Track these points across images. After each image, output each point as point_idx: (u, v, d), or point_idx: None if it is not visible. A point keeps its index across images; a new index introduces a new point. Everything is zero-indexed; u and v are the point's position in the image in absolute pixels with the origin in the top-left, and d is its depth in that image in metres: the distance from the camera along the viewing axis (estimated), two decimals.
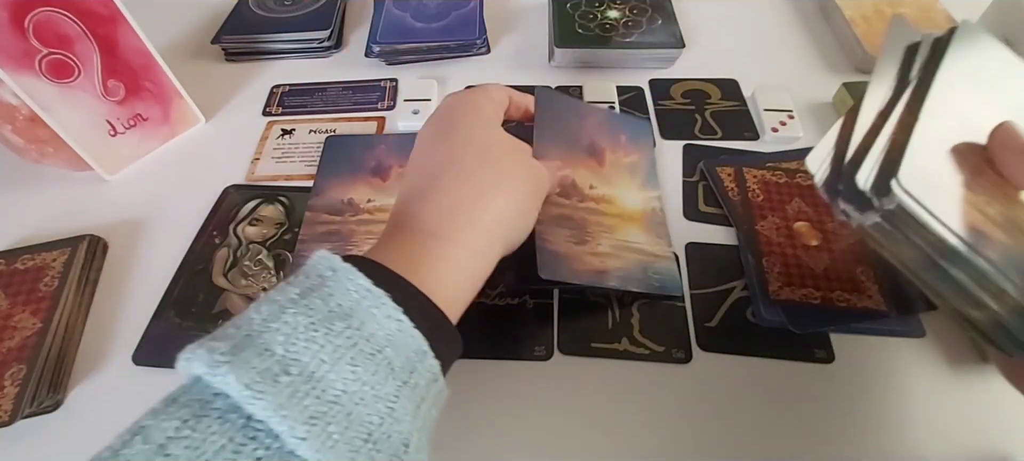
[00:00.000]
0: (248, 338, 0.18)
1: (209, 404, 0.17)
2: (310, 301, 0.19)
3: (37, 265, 0.36)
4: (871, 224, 0.22)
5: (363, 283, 0.20)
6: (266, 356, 0.17)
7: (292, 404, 0.16)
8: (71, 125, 0.39)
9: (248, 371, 0.16)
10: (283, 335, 0.18)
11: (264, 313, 0.19)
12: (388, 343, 0.19)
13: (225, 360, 0.17)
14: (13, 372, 0.31)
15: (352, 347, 0.18)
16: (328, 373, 0.17)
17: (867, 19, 0.51)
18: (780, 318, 0.33)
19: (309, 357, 0.18)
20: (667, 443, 0.30)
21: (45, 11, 0.37)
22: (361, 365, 0.18)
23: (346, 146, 0.45)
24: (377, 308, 0.20)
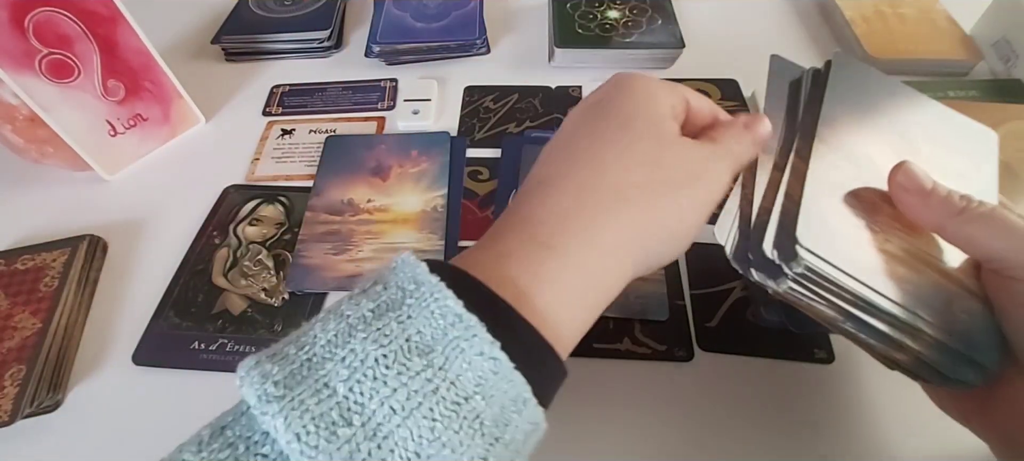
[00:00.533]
0: (308, 366, 0.15)
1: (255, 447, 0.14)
2: (384, 323, 0.15)
3: (37, 265, 0.36)
4: (784, 289, 0.22)
5: (452, 307, 0.16)
6: (324, 395, 0.14)
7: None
8: (71, 125, 0.39)
9: (300, 415, 0.13)
10: (347, 368, 0.14)
11: (330, 332, 0.15)
12: (478, 390, 0.15)
13: (277, 395, 0.14)
14: (13, 372, 0.31)
15: (432, 394, 0.15)
16: (398, 428, 0.14)
17: (867, 19, 0.51)
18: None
19: (376, 404, 0.14)
20: (668, 442, 0.30)
21: (45, 11, 0.37)
22: (441, 420, 0.14)
23: (346, 146, 0.45)
24: (467, 341, 0.15)
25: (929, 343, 0.22)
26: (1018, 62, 0.46)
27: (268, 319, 0.35)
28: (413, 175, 0.42)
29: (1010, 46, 0.46)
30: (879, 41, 0.49)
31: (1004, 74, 0.47)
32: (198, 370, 0.33)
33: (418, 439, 0.14)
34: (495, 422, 0.15)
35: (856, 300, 0.22)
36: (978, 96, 0.44)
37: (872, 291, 0.21)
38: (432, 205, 0.40)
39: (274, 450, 0.14)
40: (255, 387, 0.14)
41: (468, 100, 0.49)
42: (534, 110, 0.47)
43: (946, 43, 0.49)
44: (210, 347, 0.34)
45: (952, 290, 0.23)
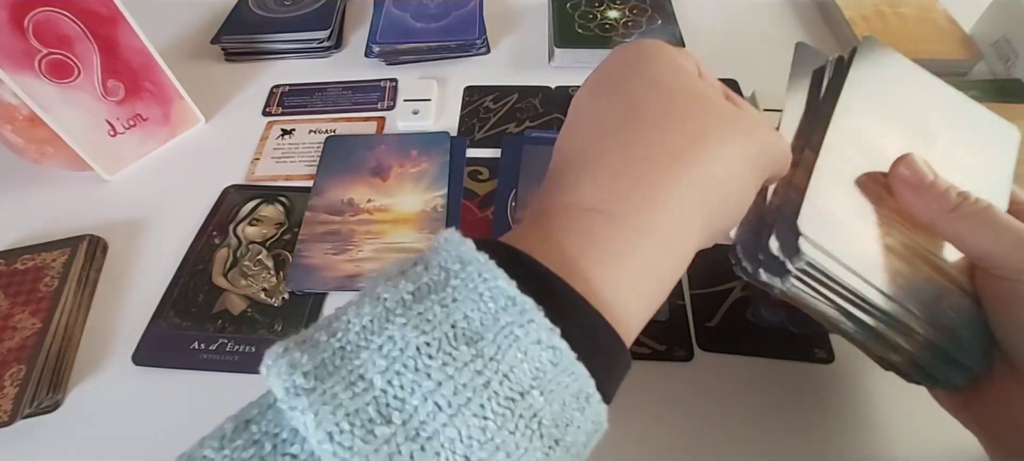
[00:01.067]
0: (340, 355, 0.13)
1: (284, 446, 0.12)
2: (426, 307, 0.14)
3: (37, 265, 0.36)
4: (788, 288, 0.22)
5: (504, 288, 0.14)
6: (359, 389, 0.12)
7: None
8: (71, 125, 0.39)
9: (333, 411, 0.12)
10: (385, 358, 0.13)
11: (365, 317, 0.14)
12: (536, 384, 0.13)
13: (306, 388, 0.12)
14: (13, 372, 0.31)
15: (483, 389, 0.13)
16: (444, 427, 0.12)
17: (867, 19, 0.51)
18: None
19: (419, 399, 0.12)
20: (668, 442, 0.30)
21: (45, 11, 0.37)
22: (494, 419, 0.12)
23: (346, 146, 0.45)
24: (521, 328, 0.13)
25: (920, 343, 0.22)
26: (1018, 62, 0.46)
27: (268, 319, 0.35)
28: (413, 175, 0.42)
29: (1010, 46, 0.46)
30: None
31: (1004, 74, 0.47)
32: (198, 370, 0.33)
33: (468, 440, 0.12)
34: (555, 422, 0.13)
35: (855, 297, 0.22)
36: (978, 96, 0.44)
37: (869, 286, 0.21)
38: (432, 205, 0.40)
39: (304, 450, 0.12)
40: (282, 378, 0.12)
41: (468, 100, 0.49)
42: (534, 110, 0.47)
43: (946, 43, 0.49)
44: (210, 347, 0.34)
45: (943, 285, 0.23)
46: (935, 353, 0.22)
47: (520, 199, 0.40)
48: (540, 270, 0.15)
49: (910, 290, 0.22)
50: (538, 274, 0.15)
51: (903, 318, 0.22)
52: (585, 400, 0.14)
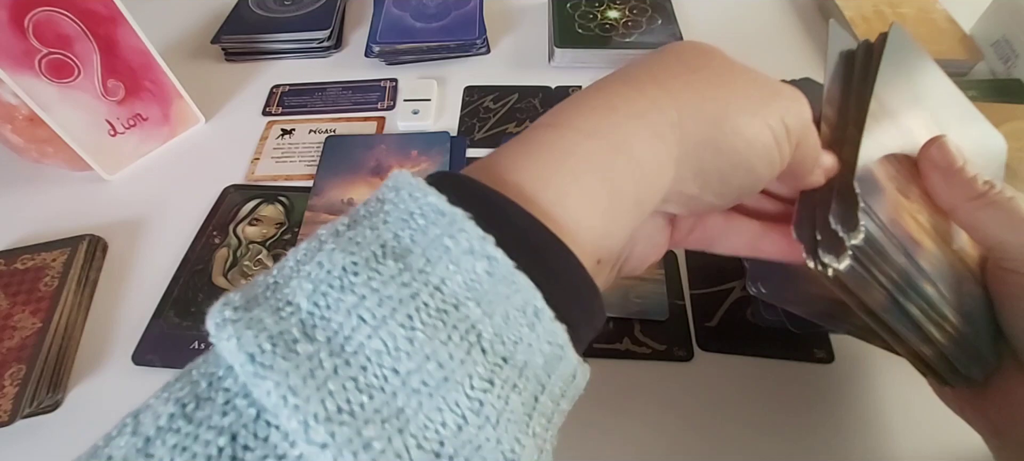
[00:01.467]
0: (273, 288, 0.13)
1: (218, 382, 0.12)
2: (357, 231, 0.13)
3: (37, 265, 0.36)
4: (845, 268, 0.20)
5: (433, 203, 0.13)
6: (285, 313, 0.12)
7: (307, 387, 0.11)
8: (71, 125, 0.39)
9: (255, 334, 0.11)
10: (311, 282, 0.12)
11: (301, 252, 0.13)
12: (471, 295, 0.12)
13: (233, 318, 0.12)
14: (13, 372, 0.31)
15: (410, 300, 0.12)
16: (368, 340, 0.11)
17: (867, 19, 0.51)
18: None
19: (342, 315, 0.12)
20: (668, 442, 0.30)
21: (45, 11, 0.37)
22: (421, 329, 0.12)
23: (346, 146, 0.45)
24: (451, 238, 0.13)
25: (950, 334, 0.22)
26: (1018, 62, 0.46)
27: None
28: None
29: (1010, 46, 0.46)
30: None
31: (1004, 74, 0.47)
32: None
33: (395, 352, 0.11)
34: (498, 336, 0.12)
35: (901, 280, 0.21)
36: (978, 96, 0.44)
37: (912, 263, 0.21)
38: None
39: (236, 382, 0.12)
40: (214, 315, 0.12)
41: (468, 100, 0.49)
42: (534, 110, 0.47)
43: (946, 43, 0.49)
44: (210, 347, 0.34)
45: (963, 271, 0.23)
46: (961, 345, 0.22)
47: None
48: (474, 186, 0.14)
49: (939, 271, 0.22)
50: (472, 190, 0.14)
51: (939, 305, 0.22)
52: (533, 315, 0.13)
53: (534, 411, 0.13)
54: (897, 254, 0.21)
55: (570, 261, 0.14)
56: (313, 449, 0.10)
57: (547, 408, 0.13)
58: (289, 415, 0.11)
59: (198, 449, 0.11)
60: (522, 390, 0.13)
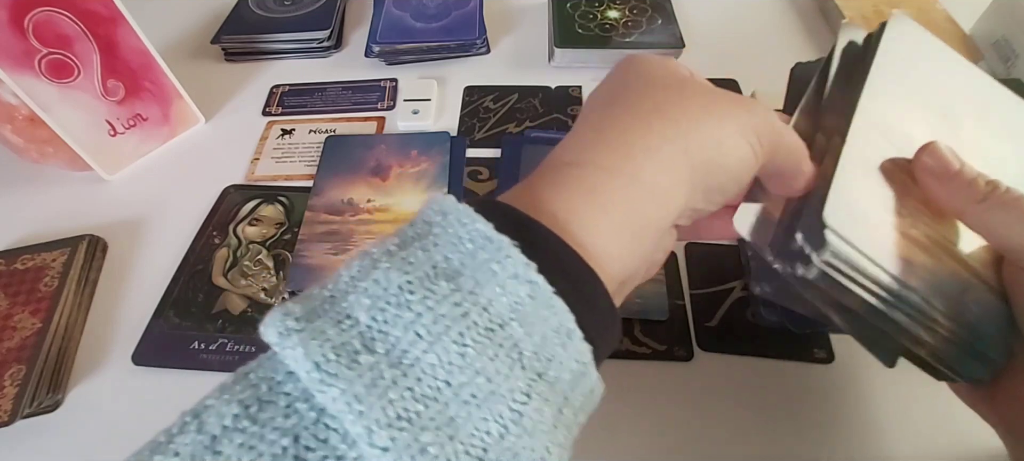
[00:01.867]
0: (330, 302, 0.14)
1: (278, 386, 0.13)
2: (409, 252, 0.14)
3: (37, 265, 0.36)
4: (813, 277, 0.20)
5: (480, 228, 0.14)
6: (346, 325, 0.13)
7: (371, 396, 0.12)
8: (71, 125, 0.39)
9: (320, 344, 0.12)
10: (369, 297, 0.13)
11: (355, 269, 0.14)
12: (515, 316, 0.14)
13: (297, 328, 0.13)
14: (13, 372, 0.31)
15: (461, 319, 0.13)
16: (424, 355, 0.13)
17: (867, 19, 0.51)
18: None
19: (400, 330, 0.13)
20: (668, 442, 0.30)
21: (45, 11, 0.37)
22: (472, 345, 0.13)
23: (346, 146, 0.45)
24: (498, 263, 0.14)
25: (943, 337, 0.22)
26: (1018, 62, 0.46)
27: None
28: (413, 175, 0.42)
29: (1010, 46, 0.46)
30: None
31: (1004, 74, 0.47)
32: (198, 370, 0.33)
33: (448, 366, 0.13)
34: (536, 354, 0.14)
35: (879, 290, 0.21)
36: None
37: (894, 280, 0.21)
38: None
39: (297, 387, 0.13)
40: (276, 324, 0.13)
41: (468, 100, 0.49)
42: (534, 110, 0.47)
43: (946, 43, 0.49)
44: (210, 347, 0.34)
45: (967, 280, 0.22)
46: (959, 347, 0.22)
47: None
48: (516, 215, 0.16)
49: (934, 284, 0.21)
50: (514, 218, 0.15)
51: (927, 312, 0.21)
52: (566, 335, 0.14)
53: (559, 422, 0.14)
54: (878, 272, 0.20)
55: (598, 288, 0.16)
56: (375, 452, 0.11)
57: (569, 419, 0.15)
58: (354, 420, 0.12)
59: (264, 448, 0.12)
60: (551, 402, 0.14)
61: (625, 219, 0.17)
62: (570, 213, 0.16)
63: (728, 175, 0.19)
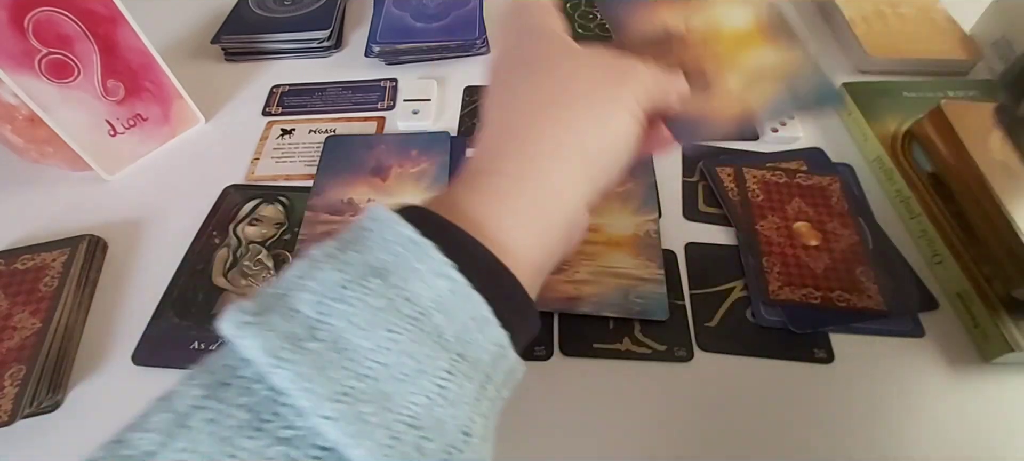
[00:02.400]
0: (278, 297, 0.16)
1: (235, 371, 0.15)
2: (346, 254, 0.17)
3: (37, 265, 0.36)
4: None
5: (406, 232, 0.17)
6: (292, 317, 0.15)
7: (317, 376, 0.14)
8: (71, 125, 0.39)
9: (271, 335, 0.14)
10: (313, 295, 0.16)
11: (299, 269, 0.16)
12: (437, 306, 0.16)
13: (250, 321, 0.15)
14: (13, 372, 0.31)
15: (391, 310, 0.15)
16: (361, 341, 0.15)
17: (867, 19, 0.51)
18: (780, 318, 0.33)
19: (340, 321, 0.15)
20: (668, 442, 0.30)
21: (45, 11, 0.37)
22: (402, 332, 0.15)
23: (346, 146, 0.45)
24: (421, 262, 0.16)
25: None
26: None
27: None
28: (413, 175, 0.42)
29: (1010, 46, 0.46)
30: (879, 41, 0.49)
31: None
32: None
33: (381, 349, 0.15)
34: (457, 338, 0.16)
35: None
36: (978, 96, 0.44)
37: None
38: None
39: (252, 371, 0.15)
40: (232, 319, 0.15)
41: (468, 100, 0.49)
42: None
43: (946, 43, 0.49)
44: (210, 347, 0.34)
45: None
46: None
47: None
48: (438, 220, 0.18)
49: None
50: (436, 223, 0.18)
51: None
52: (483, 322, 0.16)
53: (483, 396, 0.16)
54: None
55: (512, 280, 0.18)
56: (323, 421, 0.14)
57: (492, 394, 0.17)
58: (303, 396, 0.14)
59: (227, 421, 0.14)
60: (473, 379, 0.16)
61: (534, 219, 0.19)
62: (486, 217, 0.18)
63: (619, 152, 0.21)
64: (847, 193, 0.39)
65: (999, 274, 0.32)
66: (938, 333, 0.33)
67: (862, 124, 0.43)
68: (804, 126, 0.44)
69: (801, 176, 0.40)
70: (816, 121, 0.45)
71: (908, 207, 0.38)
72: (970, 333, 0.33)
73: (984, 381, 0.31)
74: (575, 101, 0.21)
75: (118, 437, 0.15)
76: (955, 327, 0.33)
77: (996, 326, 0.31)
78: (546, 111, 0.20)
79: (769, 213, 0.38)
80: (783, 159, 0.42)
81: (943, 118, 0.36)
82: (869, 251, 0.36)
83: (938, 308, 0.34)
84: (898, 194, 0.39)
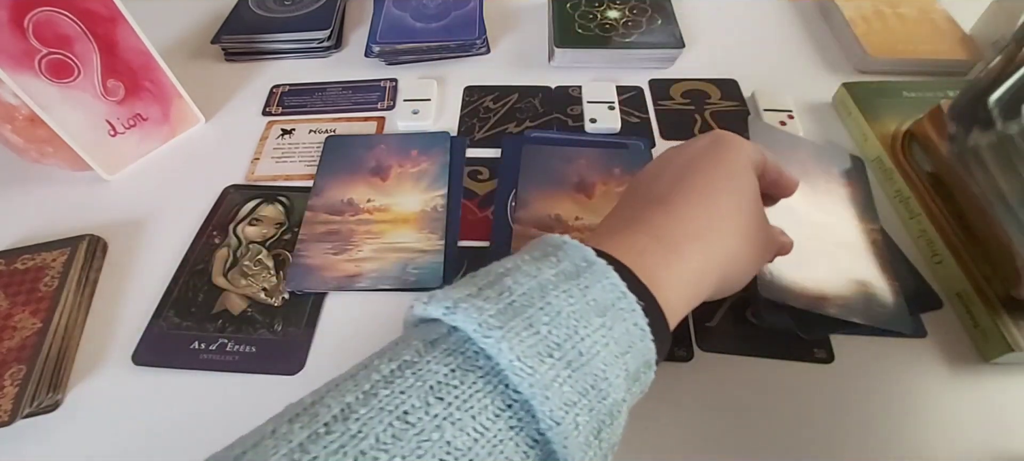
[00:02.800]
0: (512, 309, 0.19)
1: (474, 360, 0.18)
2: (569, 288, 0.20)
3: (37, 265, 0.36)
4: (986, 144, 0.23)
5: (619, 285, 0.20)
6: (532, 332, 0.18)
7: (554, 387, 0.17)
8: (71, 125, 0.39)
9: (519, 342, 0.17)
10: (547, 316, 0.19)
11: (523, 286, 0.20)
12: (630, 349, 0.20)
13: (496, 326, 0.18)
14: (13, 372, 0.31)
15: (605, 347, 0.19)
16: (587, 363, 0.18)
17: (867, 19, 0.51)
18: (786, 323, 0.33)
19: (569, 344, 0.18)
20: (667, 443, 0.30)
21: (45, 11, 0.37)
22: (610, 366, 0.19)
23: (346, 146, 0.45)
24: (628, 313, 0.20)
25: None
26: None
27: (268, 319, 0.35)
28: (413, 175, 0.42)
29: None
30: (879, 41, 0.49)
31: None
32: (198, 370, 0.33)
33: (595, 376, 0.19)
34: (633, 375, 0.20)
35: None
36: None
37: None
38: (432, 205, 0.40)
39: (488, 363, 0.18)
40: (474, 318, 0.18)
41: (468, 100, 0.49)
42: (534, 110, 0.47)
43: (946, 43, 0.49)
44: (210, 347, 0.34)
45: None
46: None
47: (520, 199, 0.40)
48: (637, 280, 0.22)
49: None
50: (636, 281, 0.22)
51: None
52: (648, 366, 0.21)
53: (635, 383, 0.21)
54: None
55: (668, 336, 0.22)
56: (550, 423, 0.17)
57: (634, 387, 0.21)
58: (542, 402, 0.17)
59: (472, 402, 0.17)
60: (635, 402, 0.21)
61: (689, 297, 0.24)
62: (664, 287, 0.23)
63: (741, 278, 0.27)
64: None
65: (999, 274, 0.32)
66: (938, 333, 0.33)
67: (862, 124, 0.43)
68: (804, 126, 0.44)
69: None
70: (816, 121, 0.45)
71: (908, 207, 0.38)
72: (970, 333, 0.33)
73: (984, 381, 0.31)
74: (743, 241, 0.25)
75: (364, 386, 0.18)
76: (955, 327, 0.33)
77: (996, 326, 0.31)
78: (724, 239, 0.25)
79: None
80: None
81: (943, 118, 0.36)
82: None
83: (942, 307, 0.34)
84: (898, 194, 0.39)
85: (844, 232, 0.36)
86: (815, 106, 0.47)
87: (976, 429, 0.30)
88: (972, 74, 0.48)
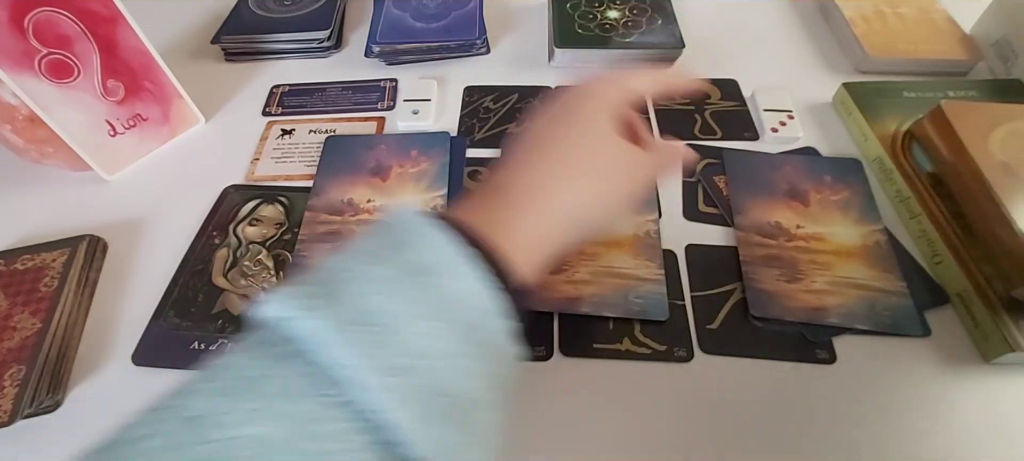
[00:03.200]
0: (337, 288, 0.19)
1: (285, 345, 0.18)
2: (389, 256, 0.21)
3: (37, 265, 0.36)
4: None
5: (443, 246, 0.21)
6: (356, 309, 0.19)
7: (377, 353, 0.18)
8: (71, 125, 0.39)
9: (337, 319, 0.18)
10: (373, 289, 0.19)
11: (343, 262, 0.21)
12: (457, 302, 0.20)
13: (318, 306, 0.18)
14: (13, 372, 0.31)
15: (415, 305, 0.19)
16: (408, 327, 0.19)
17: (867, 19, 0.51)
18: (794, 325, 0.33)
19: (391, 310, 0.19)
20: (668, 442, 0.30)
21: (45, 11, 0.37)
22: (442, 321, 0.19)
23: (346, 146, 0.45)
24: (465, 265, 0.20)
25: None
26: (1018, 62, 0.46)
27: None
28: (413, 175, 0.42)
29: (1010, 46, 0.46)
30: (879, 41, 0.49)
31: (1004, 74, 0.47)
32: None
33: (420, 335, 0.19)
34: (473, 324, 0.20)
35: None
36: (978, 96, 0.44)
37: None
38: (432, 205, 0.40)
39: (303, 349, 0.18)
40: (297, 300, 0.19)
41: (468, 100, 0.49)
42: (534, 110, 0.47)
43: (946, 43, 0.49)
44: (210, 347, 0.34)
45: None
46: None
47: None
48: (475, 234, 0.22)
49: None
50: (473, 237, 0.22)
51: None
52: (491, 314, 0.21)
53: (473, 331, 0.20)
54: None
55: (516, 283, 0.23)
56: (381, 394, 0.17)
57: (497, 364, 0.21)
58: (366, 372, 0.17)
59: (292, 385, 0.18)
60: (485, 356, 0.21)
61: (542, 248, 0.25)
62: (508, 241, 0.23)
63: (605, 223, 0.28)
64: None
65: (999, 274, 0.32)
66: (939, 333, 0.33)
67: (862, 124, 0.43)
68: (804, 126, 0.44)
69: None
70: (816, 121, 0.45)
71: (908, 207, 0.38)
72: (970, 333, 0.33)
73: (984, 381, 0.31)
74: (590, 188, 0.26)
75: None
76: (955, 327, 0.33)
77: (996, 326, 0.31)
78: (571, 186, 0.26)
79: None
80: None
81: (943, 118, 0.36)
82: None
83: (949, 302, 0.34)
84: (898, 194, 0.39)
85: (841, 239, 0.36)
86: (815, 106, 0.47)
87: (976, 429, 0.30)
88: (972, 74, 0.48)
